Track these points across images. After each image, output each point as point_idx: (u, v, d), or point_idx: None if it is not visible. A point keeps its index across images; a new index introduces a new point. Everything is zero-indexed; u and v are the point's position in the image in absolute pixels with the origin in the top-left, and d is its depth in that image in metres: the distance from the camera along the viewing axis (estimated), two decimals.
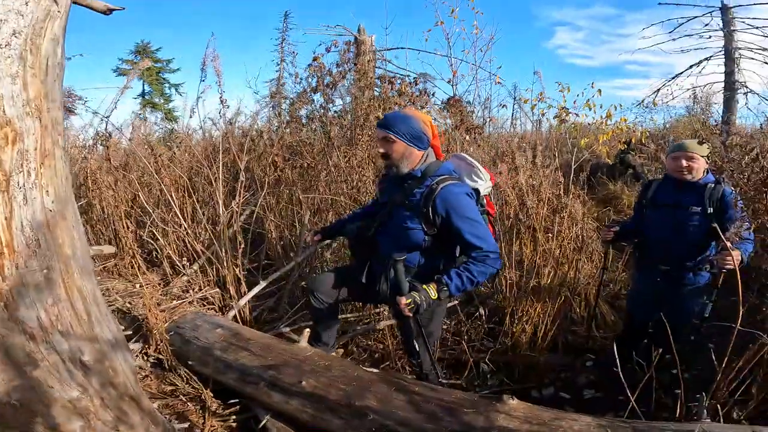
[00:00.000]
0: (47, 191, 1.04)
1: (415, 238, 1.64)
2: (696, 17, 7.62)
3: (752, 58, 7.42)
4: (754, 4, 7.92)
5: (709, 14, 7.57)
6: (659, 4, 7.66)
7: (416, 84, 4.10)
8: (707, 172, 2.06)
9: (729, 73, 7.69)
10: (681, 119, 8.92)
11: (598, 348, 2.68)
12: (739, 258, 1.74)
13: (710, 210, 1.93)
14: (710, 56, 7.82)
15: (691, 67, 8.00)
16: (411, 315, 1.54)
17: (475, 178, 1.78)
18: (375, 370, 1.87)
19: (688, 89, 8.29)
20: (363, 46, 7.49)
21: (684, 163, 1.97)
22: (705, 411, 1.36)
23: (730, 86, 7.61)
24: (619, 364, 1.44)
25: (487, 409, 1.37)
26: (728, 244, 1.63)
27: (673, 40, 7.88)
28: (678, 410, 1.43)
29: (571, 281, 2.82)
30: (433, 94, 4.16)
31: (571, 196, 3.03)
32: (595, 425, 1.27)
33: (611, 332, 2.79)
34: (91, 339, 1.13)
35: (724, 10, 7.53)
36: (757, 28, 7.28)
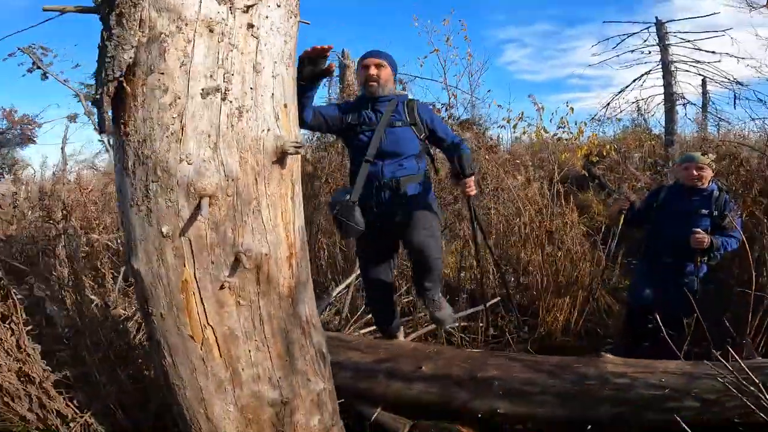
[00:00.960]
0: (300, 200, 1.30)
1: (414, 147, 2.05)
2: (635, 33, 8.58)
3: (687, 71, 8.55)
4: (683, 19, 9.21)
5: (646, 30, 8.51)
6: (603, 22, 8.73)
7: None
8: (711, 181, 2.50)
9: (667, 86, 8.58)
10: (627, 131, 9.96)
11: (611, 334, 3.13)
12: (709, 242, 2.29)
13: (716, 213, 2.39)
14: (650, 70, 8.75)
15: (634, 81, 8.89)
16: (473, 194, 2.02)
17: None
18: (481, 350, 2.18)
19: (633, 102, 9.28)
20: (348, 71, 7.93)
21: (695, 172, 2.42)
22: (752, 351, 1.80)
23: (669, 98, 8.49)
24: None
25: (595, 363, 1.74)
26: (701, 231, 2.23)
27: (617, 56, 8.83)
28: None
29: (582, 278, 3.27)
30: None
31: (565, 205, 3.54)
32: (683, 365, 1.67)
33: (618, 320, 3.25)
34: (321, 331, 1.38)
35: (659, 25, 8.42)
36: (688, 41, 8.30)
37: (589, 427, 1.58)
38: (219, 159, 1.05)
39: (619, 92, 9.13)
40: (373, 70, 2.05)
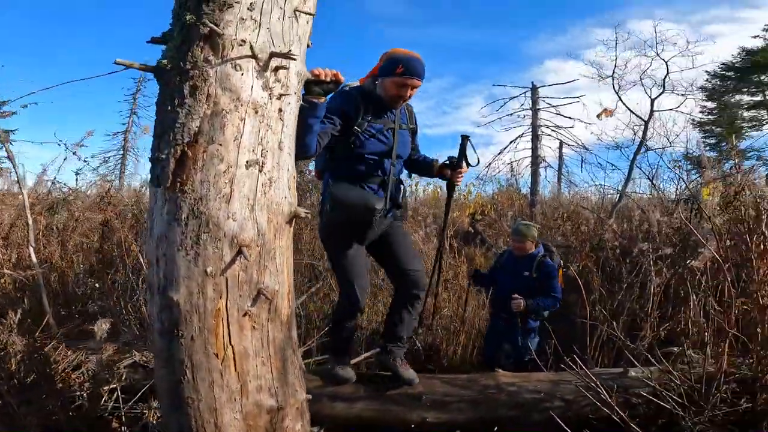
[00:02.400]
0: None
1: (408, 151, 2.31)
2: (515, 97, 10.07)
3: (549, 135, 10.45)
4: (551, 84, 11.17)
5: (524, 94, 10.06)
6: (494, 85, 10.37)
7: None
8: (539, 244, 3.15)
9: (534, 149, 10.13)
10: (502, 190, 11.67)
11: None
12: (524, 306, 2.90)
13: (535, 275, 3.00)
14: (522, 133, 10.33)
15: (511, 142, 10.44)
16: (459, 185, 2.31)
17: None
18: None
19: (508, 163, 10.79)
20: None
21: (517, 244, 3.13)
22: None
23: (535, 160, 10.09)
24: None
25: (492, 377, 2.37)
26: (518, 297, 2.90)
27: (500, 118, 10.33)
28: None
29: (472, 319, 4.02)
30: None
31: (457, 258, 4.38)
32: (549, 375, 2.38)
33: None
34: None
35: (534, 90, 9.96)
36: (553, 106, 9.91)
37: (496, 429, 2.15)
38: (254, 218, 1.42)
39: (499, 153, 10.67)
40: (410, 93, 2.11)
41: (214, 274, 1.35)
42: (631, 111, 8.84)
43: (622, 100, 9.11)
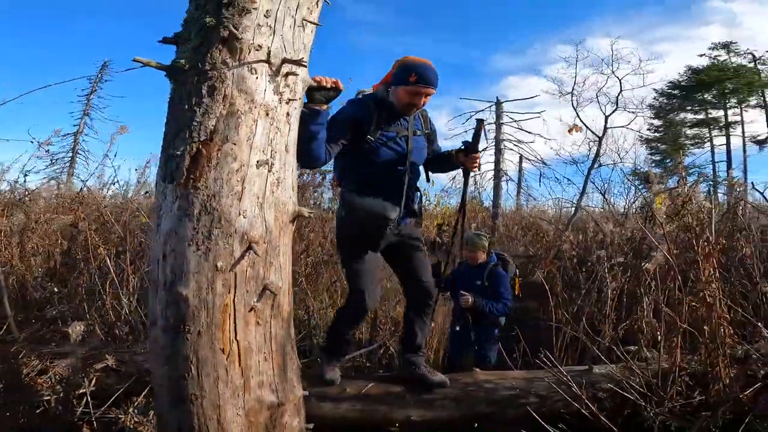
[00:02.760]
0: None
1: (424, 157, 2.33)
2: (480, 111, 10.35)
3: (511, 149, 10.92)
4: (514, 99, 11.64)
5: (488, 108, 10.36)
6: (460, 98, 10.62)
7: None
8: (491, 254, 3.25)
9: (497, 163, 10.51)
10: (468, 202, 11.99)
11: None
12: (472, 302, 3.00)
13: (486, 283, 3.12)
14: (486, 147, 10.95)
15: None
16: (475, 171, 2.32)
17: None
18: (388, 373, 2.78)
19: (472, 176, 11.41)
20: None
21: (470, 254, 3.28)
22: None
23: (497, 174, 10.47)
24: None
25: (471, 375, 2.49)
26: (466, 293, 3.02)
27: (465, 131, 10.47)
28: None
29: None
30: None
31: None
32: (524, 373, 2.54)
33: None
34: None
35: (498, 104, 10.31)
36: (515, 121, 10.32)
37: (476, 425, 2.27)
38: (263, 216, 1.47)
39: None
40: (424, 100, 2.14)
41: (224, 269, 1.39)
42: (587, 127, 9.50)
43: (579, 117, 9.77)
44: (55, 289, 3.26)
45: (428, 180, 2.51)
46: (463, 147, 2.30)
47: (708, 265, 2.22)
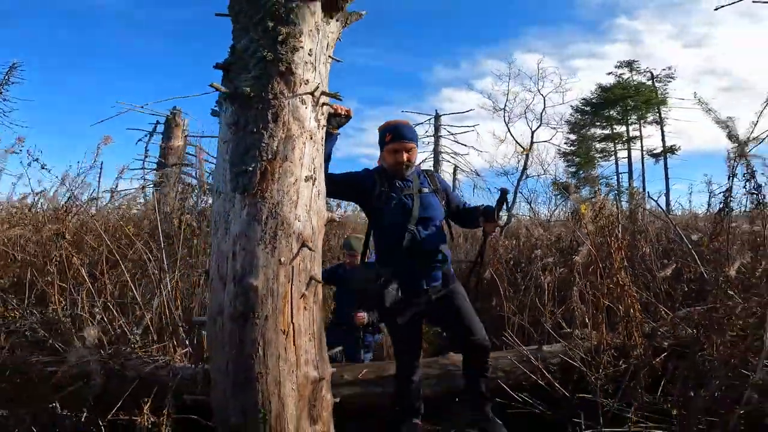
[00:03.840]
0: None
1: (441, 214, 2.36)
2: (420, 123, 11.24)
3: (447, 161, 11.80)
4: (451, 113, 12.53)
5: (428, 121, 11.30)
6: (402, 111, 11.26)
7: None
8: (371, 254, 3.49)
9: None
10: None
11: None
12: (366, 320, 3.41)
13: None
14: (425, 158, 11.63)
15: (415, 167, 11.75)
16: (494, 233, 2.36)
17: None
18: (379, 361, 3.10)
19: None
20: (177, 130, 7.92)
21: (348, 258, 3.64)
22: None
23: None
24: None
25: (448, 357, 2.97)
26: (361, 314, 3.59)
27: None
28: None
29: None
30: None
31: None
32: (493, 353, 3.08)
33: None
34: None
35: (437, 117, 11.15)
36: (452, 134, 11.30)
37: (456, 399, 2.73)
38: (310, 220, 1.83)
39: None
40: (406, 156, 2.27)
41: (285, 263, 1.72)
42: (517, 142, 10.70)
43: (510, 132, 10.98)
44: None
45: (451, 237, 2.60)
46: (482, 211, 2.42)
47: (617, 255, 2.93)
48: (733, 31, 38.20)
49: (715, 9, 2.22)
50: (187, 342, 3.04)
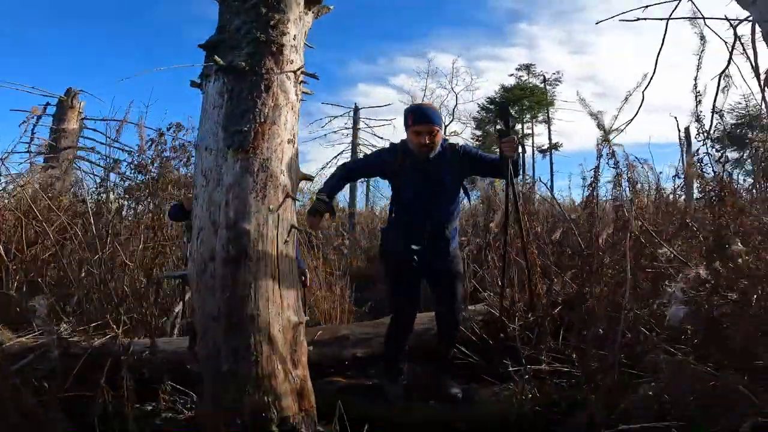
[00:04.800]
0: None
1: (455, 192, 2.48)
2: (339, 116, 10.95)
3: (365, 153, 11.42)
4: (372, 107, 12.53)
5: (347, 114, 11.01)
6: (322, 103, 11.15)
7: None
8: None
9: None
10: None
11: None
12: None
13: None
14: (342, 151, 11.16)
15: (333, 158, 10.97)
16: (513, 155, 2.30)
17: None
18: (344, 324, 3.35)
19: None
20: (71, 112, 7.26)
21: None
22: None
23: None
24: None
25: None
26: None
27: (325, 135, 11.15)
28: None
29: None
30: None
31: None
32: (430, 315, 3.55)
33: None
34: None
35: (356, 110, 10.98)
36: (370, 127, 11.12)
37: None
38: (291, 176, 2.10)
39: (322, 168, 11.10)
40: (428, 139, 2.31)
41: (274, 211, 1.97)
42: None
43: None
44: None
45: (468, 199, 2.86)
46: (497, 134, 2.54)
47: (516, 227, 3.55)
48: (614, 41, 43.45)
49: (597, 23, 2.96)
50: (127, 320, 3.00)
